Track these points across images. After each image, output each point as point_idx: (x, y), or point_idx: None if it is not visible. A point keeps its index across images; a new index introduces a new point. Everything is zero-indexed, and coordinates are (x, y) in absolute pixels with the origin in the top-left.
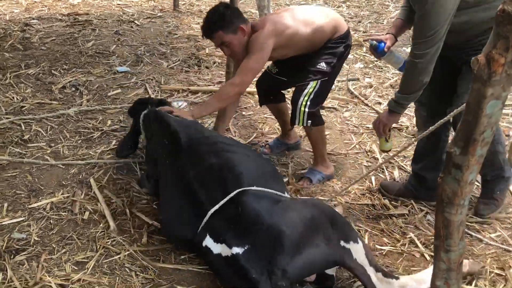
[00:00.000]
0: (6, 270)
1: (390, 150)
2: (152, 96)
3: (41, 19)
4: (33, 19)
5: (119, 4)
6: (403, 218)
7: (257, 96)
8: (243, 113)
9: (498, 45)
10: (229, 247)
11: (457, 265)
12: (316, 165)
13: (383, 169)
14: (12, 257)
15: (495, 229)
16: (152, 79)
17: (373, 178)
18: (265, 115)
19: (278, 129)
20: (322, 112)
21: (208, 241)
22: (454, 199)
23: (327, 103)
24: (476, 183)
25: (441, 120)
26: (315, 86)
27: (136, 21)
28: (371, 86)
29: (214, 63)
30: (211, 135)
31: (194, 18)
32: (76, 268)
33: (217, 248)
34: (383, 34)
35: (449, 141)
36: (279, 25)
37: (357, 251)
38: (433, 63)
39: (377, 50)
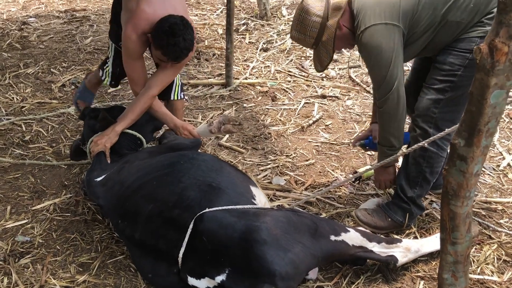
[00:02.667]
0: (11, 274)
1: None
2: None
3: (39, 17)
4: (31, 17)
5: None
6: None
7: (258, 87)
8: (244, 105)
9: (501, 33)
10: (212, 278)
11: (464, 258)
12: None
13: None
14: (16, 260)
15: (501, 215)
16: (151, 74)
17: None
18: (266, 107)
19: (281, 120)
20: (324, 101)
21: (192, 281)
22: (460, 191)
23: (329, 91)
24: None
25: (442, 133)
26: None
27: None
28: None
29: (214, 55)
30: (129, 177)
31: (192, 9)
32: (81, 269)
33: (202, 283)
34: (364, 130)
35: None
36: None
37: (351, 238)
38: (400, 105)
39: (369, 147)
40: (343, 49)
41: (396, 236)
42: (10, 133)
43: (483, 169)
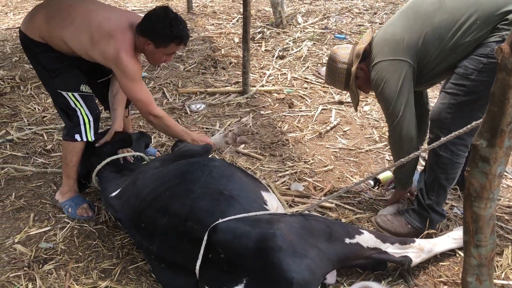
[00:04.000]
0: (35, 280)
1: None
2: (170, 99)
3: None
4: None
5: (133, 10)
6: None
7: (275, 94)
8: (262, 112)
9: None
10: None
11: (488, 261)
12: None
13: None
14: (40, 266)
15: None
16: (169, 83)
17: None
18: (283, 113)
19: (298, 126)
20: (342, 107)
21: None
22: (483, 193)
23: (346, 97)
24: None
25: (448, 136)
26: None
27: None
28: None
29: (230, 63)
30: (143, 188)
31: (209, 19)
32: (103, 275)
33: None
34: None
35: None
36: None
37: (366, 240)
38: (402, 136)
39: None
40: None
41: None
42: (32, 143)
43: (505, 173)
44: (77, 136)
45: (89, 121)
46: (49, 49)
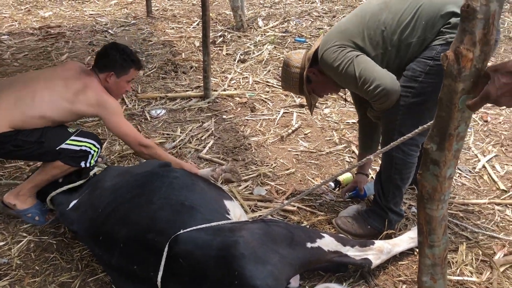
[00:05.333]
0: None
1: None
2: (129, 106)
3: (12, 34)
4: (4, 34)
5: (91, 14)
6: None
7: (237, 98)
8: (224, 116)
9: (465, 40)
10: None
11: (441, 260)
12: None
13: None
14: None
15: (478, 216)
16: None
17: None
18: (246, 117)
19: (260, 130)
20: (303, 110)
21: None
22: (434, 195)
23: None
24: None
25: (409, 135)
26: None
27: (109, 30)
28: None
29: (191, 67)
30: (101, 200)
31: (168, 23)
32: None
33: None
34: (351, 183)
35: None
36: None
37: (327, 243)
38: (393, 82)
39: (357, 197)
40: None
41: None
42: None
43: (460, 171)
44: (82, 164)
45: (97, 150)
46: (20, 131)
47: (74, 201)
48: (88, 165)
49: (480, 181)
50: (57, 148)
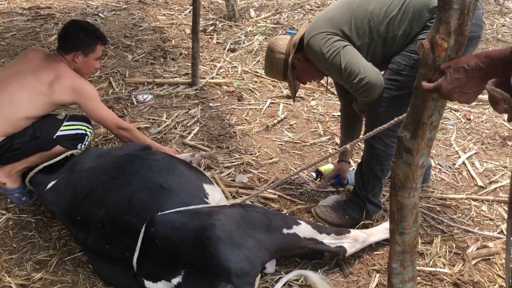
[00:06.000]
0: None
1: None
2: (116, 89)
3: (1, 13)
4: None
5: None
6: None
7: (224, 87)
8: (210, 104)
9: (440, 30)
10: (169, 280)
11: (411, 247)
12: None
13: None
14: None
15: (455, 211)
16: (116, 73)
17: None
18: (232, 106)
19: (246, 119)
20: (289, 101)
21: (149, 284)
22: (406, 182)
23: None
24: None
25: (385, 125)
26: None
27: (100, 14)
28: None
29: (181, 54)
30: (80, 181)
31: (160, 9)
32: (37, 267)
33: (159, 286)
34: (333, 171)
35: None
36: None
37: (303, 230)
38: (377, 77)
39: (340, 184)
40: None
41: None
42: None
43: (440, 167)
44: (79, 146)
45: (91, 130)
46: (13, 136)
47: (53, 182)
48: (83, 146)
49: (459, 177)
50: (54, 137)
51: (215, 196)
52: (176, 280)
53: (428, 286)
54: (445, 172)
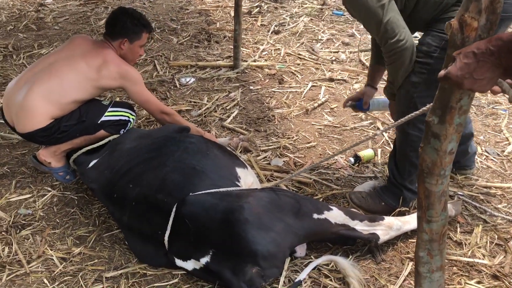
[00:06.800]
0: (12, 244)
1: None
2: (160, 72)
3: None
4: None
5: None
6: None
7: (266, 70)
8: (251, 87)
9: (470, 8)
10: (198, 260)
11: (439, 236)
12: None
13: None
14: (18, 231)
15: (500, 200)
16: (161, 56)
17: (379, 150)
18: (273, 89)
19: (285, 103)
20: (332, 84)
21: (179, 262)
22: (434, 169)
23: (337, 75)
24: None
25: (417, 112)
26: None
27: None
28: None
29: (224, 37)
30: (118, 160)
31: None
32: (77, 242)
33: (189, 265)
34: (357, 93)
35: None
36: None
37: (334, 216)
38: (407, 54)
39: (360, 109)
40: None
41: None
42: None
43: (487, 154)
44: (121, 131)
45: (134, 117)
46: (61, 118)
47: (94, 161)
48: (123, 132)
49: (507, 165)
50: (98, 122)
51: (248, 179)
52: (204, 260)
53: (464, 277)
54: (492, 160)
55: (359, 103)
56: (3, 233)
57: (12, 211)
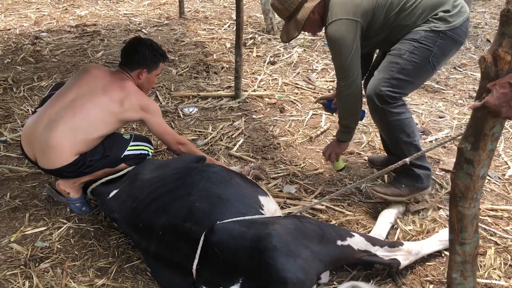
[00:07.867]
0: (32, 278)
1: (344, 168)
2: (163, 103)
3: (50, 32)
4: (43, 32)
5: (125, 14)
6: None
7: (266, 99)
8: (254, 116)
9: (504, 43)
10: None
11: (472, 257)
12: None
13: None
14: (37, 265)
15: (508, 222)
16: (162, 87)
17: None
18: (275, 118)
19: (289, 130)
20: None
21: None
22: (467, 193)
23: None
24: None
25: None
26: None
27: (143, 30)
28: None
29: (222, 68)
30: (142, 190)
31: (200, 24)
32: (99, 273)
33: None
34: (333, 92)
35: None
36: None
37: (356, 242)
38: (356, 90)
39: (329, 109)
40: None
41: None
42: None
43: (489, 177)
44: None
45: (152, 150)
46: (86, 154)
47: (115, 191)
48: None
49: (509, 188)
50: (121, 157)
51: (270, 207)
52: None
53: None
54: (494, 183)
55: (329, 103)
56: (21, 267)
57: (29, 244)
